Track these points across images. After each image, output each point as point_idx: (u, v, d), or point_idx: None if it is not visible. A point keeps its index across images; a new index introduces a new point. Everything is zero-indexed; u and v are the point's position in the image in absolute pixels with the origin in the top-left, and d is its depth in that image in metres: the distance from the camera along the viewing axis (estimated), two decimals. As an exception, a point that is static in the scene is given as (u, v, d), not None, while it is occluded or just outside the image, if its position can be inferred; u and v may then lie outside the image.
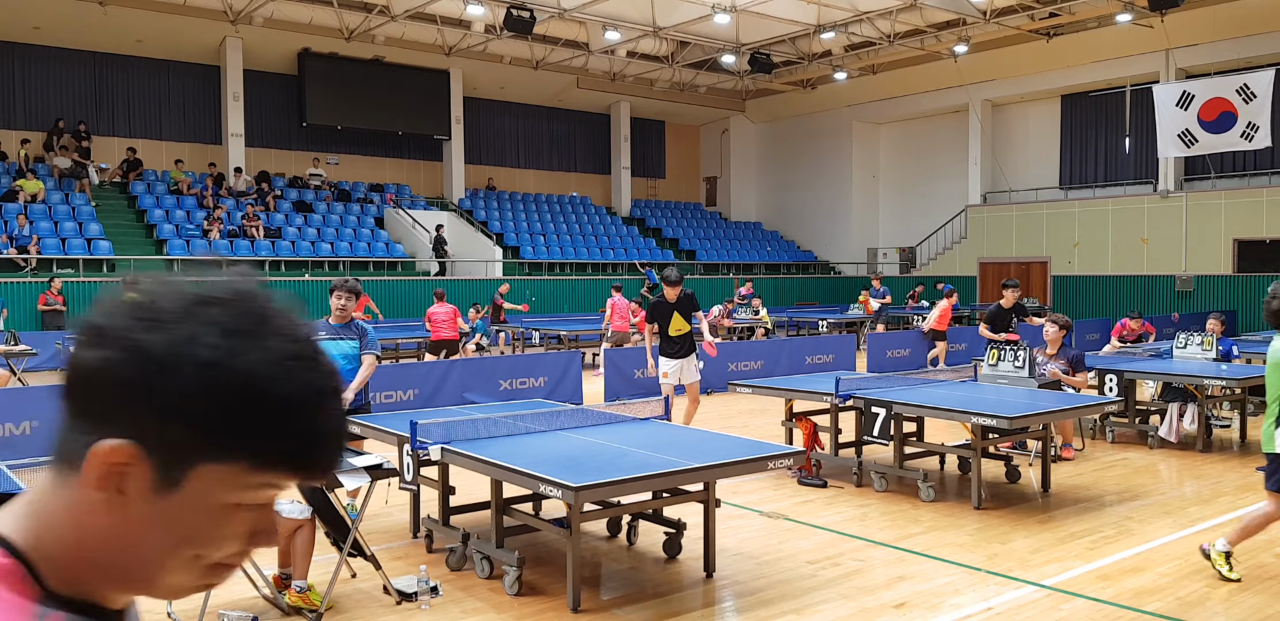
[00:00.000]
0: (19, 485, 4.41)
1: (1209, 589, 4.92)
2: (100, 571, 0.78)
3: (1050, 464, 7.14)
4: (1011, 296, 10.58)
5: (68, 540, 0.76)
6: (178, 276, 0.83)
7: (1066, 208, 24.89)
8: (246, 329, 0.81)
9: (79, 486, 0.75)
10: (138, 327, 0.75)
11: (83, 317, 0.77)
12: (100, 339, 0.75)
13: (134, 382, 0.74)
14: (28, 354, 12.16)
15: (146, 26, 21.31)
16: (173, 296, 0.79)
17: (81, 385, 0.77)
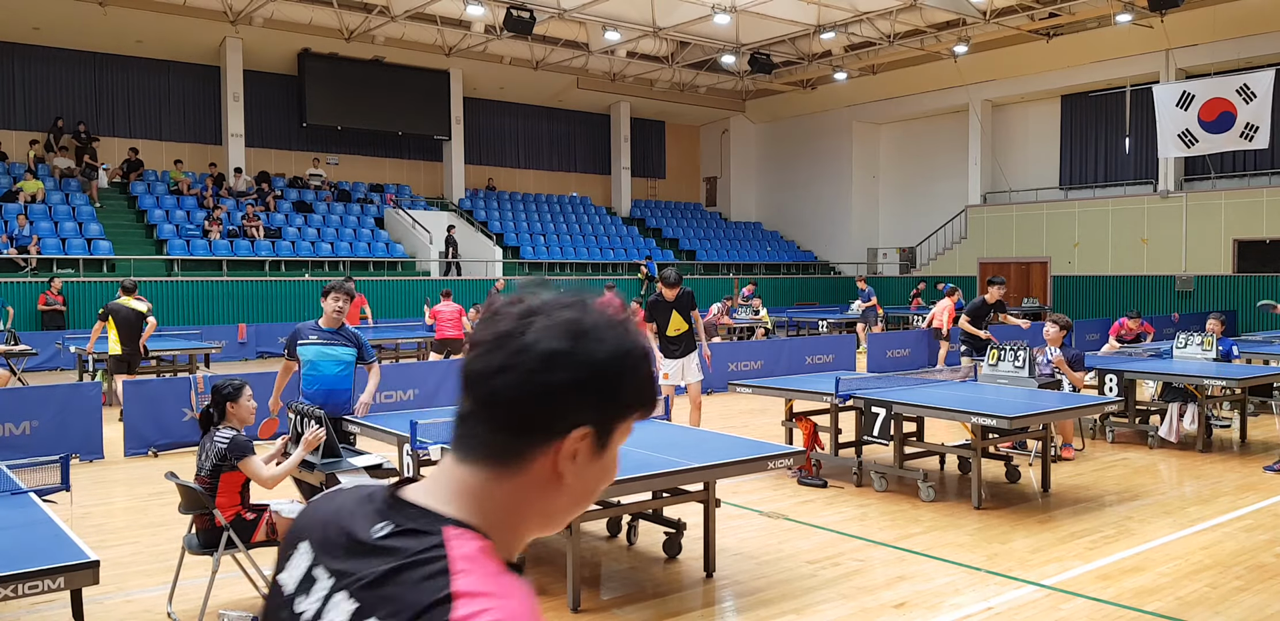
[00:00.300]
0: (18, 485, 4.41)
1: (1209, 588, 4.92)
2: (522, 537, 1.02)
3: (1050, 464, 7.13)
4: (996, 292, 10.63)
5: (509, 520, 1.00)
6: (551, 289, 1.12)
7: (1066, 208, 24.89)
8: (621, 322, 1.05)
9: (523, 479, 1.00)
10: (595, 348, 1.00)
11: (531, 347, 0.99)
12: (555, 364, 0.98)
13: (586, 384, 0.98)
14: (28, 354, 12.17)
15: (146, 27, 21.31)
16: (586, 312, 1.05)
17: (540, 402, 0.98)
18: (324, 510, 1.08)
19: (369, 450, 4.93)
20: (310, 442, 4.55)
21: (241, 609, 4.64)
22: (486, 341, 1.04)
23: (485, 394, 1.03)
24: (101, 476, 7.83)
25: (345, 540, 1.01)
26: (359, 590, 0.95)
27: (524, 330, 1.02)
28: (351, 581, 0.97)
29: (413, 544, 0.95)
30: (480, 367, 1.03)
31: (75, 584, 3.31)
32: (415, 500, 1.01)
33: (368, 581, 0.94)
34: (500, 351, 1.01)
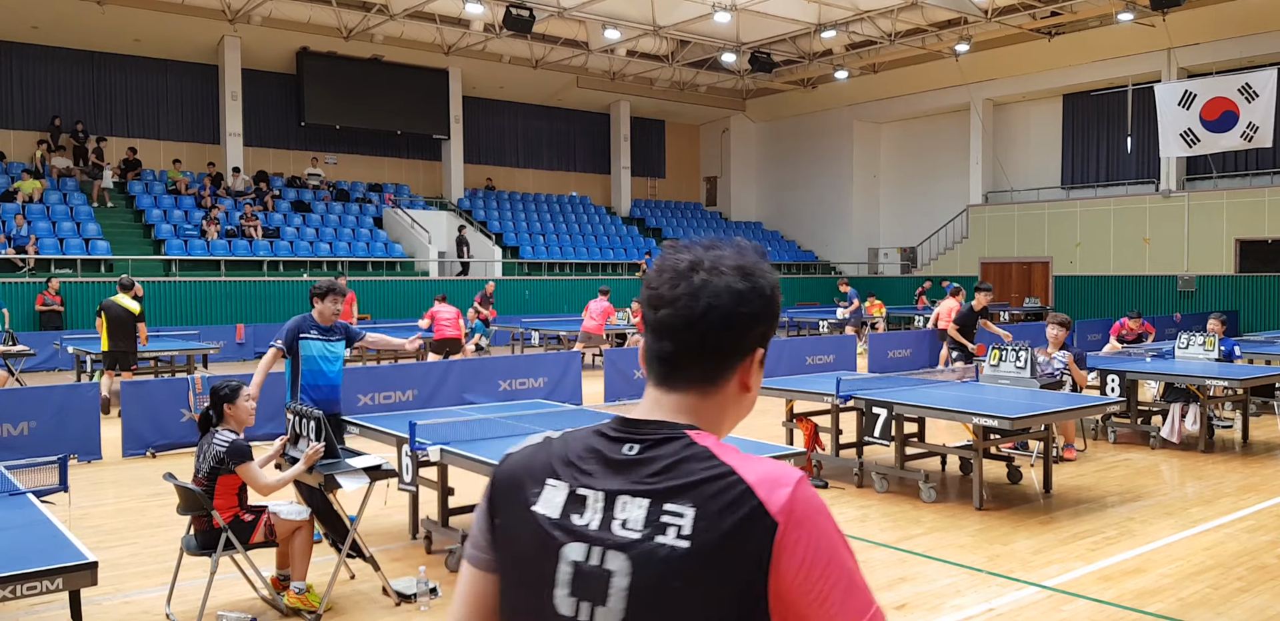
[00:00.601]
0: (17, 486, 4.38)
1: (1211, 589, 4.90)
2: (723, 437, 1.31)
3: (1052, 464, 7.11)
4: (984, 299, 10.61)
5: (714, 426, 1.29)
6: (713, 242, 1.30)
7: (1068, 207, 24.87)
8: (764, 256, 1.31)
9: (723, 394, 1.30)
10: (762, 282, 1.26)
11: (724, 291, 1.23)
12: (745, 299, 1.24)
13: (760, 313, 1.26)
14: (25, 354, 12.14)
15: (144, 26, 21.28)
16: (741, 256, 1.28)
17: (735, 330, 1.25)
18: (549, 454, 1.31)
19: (367, 451, 4.91)
20: (310, 457, 4.53)
21: (240, 610, 4.62)
22: (682, 294, 1.25)
23: (694, 335, 1.25)
24: (100, 477, 7.81)
25: (599, 464, 1.23)
26: (643, 491, 1.18)
27: (709, 279, 1.24)
28: (631, 487, 1.19)
29: (668, 448, 1.21)
30: (685, 314, 1.24)
31: (74, 585, 3.29)
32: (645, 423, 1.27)
33: (650, 482, 1.18)
34: (699, 299, 1.23)
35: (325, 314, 5.95)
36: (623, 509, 1.18)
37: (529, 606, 1.23)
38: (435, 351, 13.57)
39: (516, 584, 1.26)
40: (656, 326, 1.29)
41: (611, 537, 1.18)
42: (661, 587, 1.14)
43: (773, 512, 1.13)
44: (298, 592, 4.59)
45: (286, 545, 4.67)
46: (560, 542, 1.21)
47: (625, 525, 1.18)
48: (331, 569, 4.77)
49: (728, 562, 1.12)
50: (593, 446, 1.26)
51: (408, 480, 5.09)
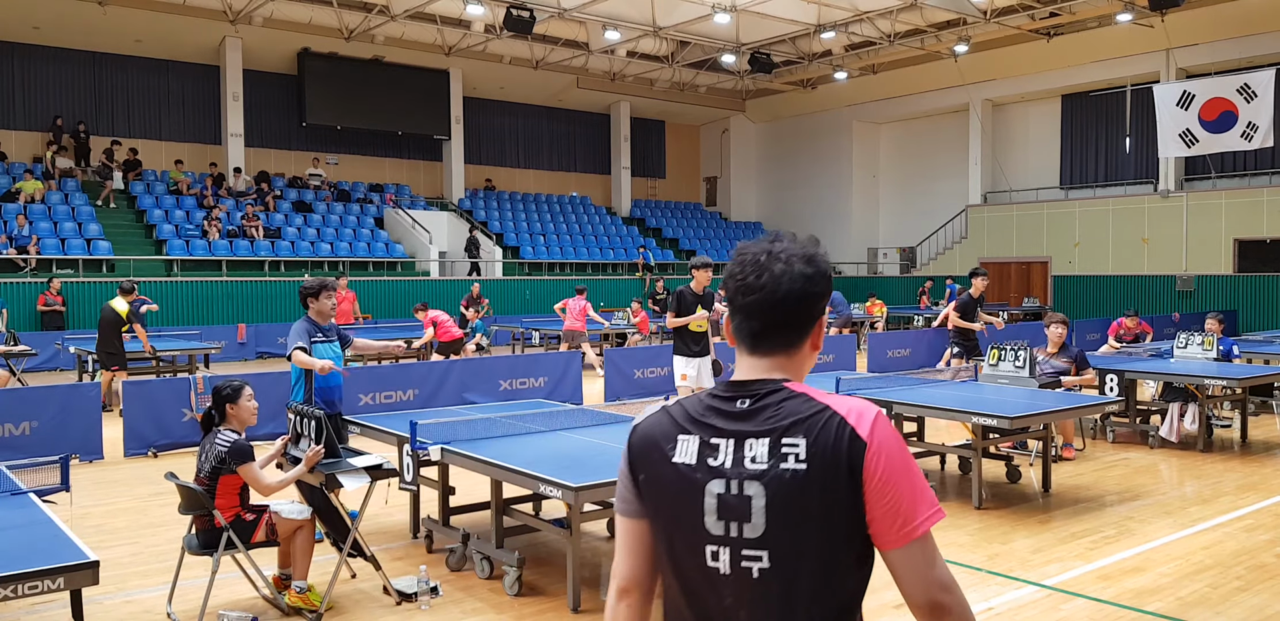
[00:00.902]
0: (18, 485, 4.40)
1: (1210, 589, 4.91)
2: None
3: (1051, 464, 7.13)
4: (980, 284, 10.60)
5: (798, 376, 1.65)
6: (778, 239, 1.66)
7: (1067, 207, 24.89)
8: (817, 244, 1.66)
9: (802, 353, 1.64)
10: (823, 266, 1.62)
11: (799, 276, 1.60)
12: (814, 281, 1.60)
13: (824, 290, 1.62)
14: (27, 354, 12.16)
15: (146, 26, 21.30)
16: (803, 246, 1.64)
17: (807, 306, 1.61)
18: (671, 418, 1.64)
19: (368, 450, 4.92)
20: (311, 460, 4.54)
21: (241, 609, 4.64)
22: (766, 283, 1.59)
23: (778, 313, 1.60)
24: (101, 477, 7.82)
25: (721, 418, 1.59)
26: (764, 431, 1.54)
27: (786, 268, 1.59)
28: (753, 430, 1.55)
29: (774, 397, 1.57)
30: (769, 298, 1.59)
31: (75, 584, 3.30)
32: (751, 382, 1.61)
33: (767, 424, 1.54)
34: (780, 285, 1.58)
35: (324, 312, 5.92)
36: (750, 448, 1.54)
37: (685, 533, 1.58)
38: (441, 353, 13.77)
39: (671, 518, 1.60)
40: (746, 309, 1.63)
41: (745, 471, 1.54)
42: (790, 501, 1.50)
43: (862, 436, 1.51)
44: (299, 591, 4.60)
45: (288, 544, 4.68)
46: (703, 481, 1.56)
47: (754, 460, 1.54)
48: (333, 568, 4.78)
49: (834, 475, 1.50)
50: (710, 405, 1.62)
51: (409, 479, 5.10)
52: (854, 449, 1.49)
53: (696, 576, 1.57)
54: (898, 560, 1.50)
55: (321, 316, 5.92)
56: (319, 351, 5.83)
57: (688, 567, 1.58)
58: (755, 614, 1.52)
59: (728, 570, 1.53)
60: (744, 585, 1.52)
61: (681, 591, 1.61)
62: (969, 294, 10.71)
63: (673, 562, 1.61)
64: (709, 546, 1.55)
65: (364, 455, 4.75)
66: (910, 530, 1.49)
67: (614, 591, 1.70)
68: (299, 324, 5.89)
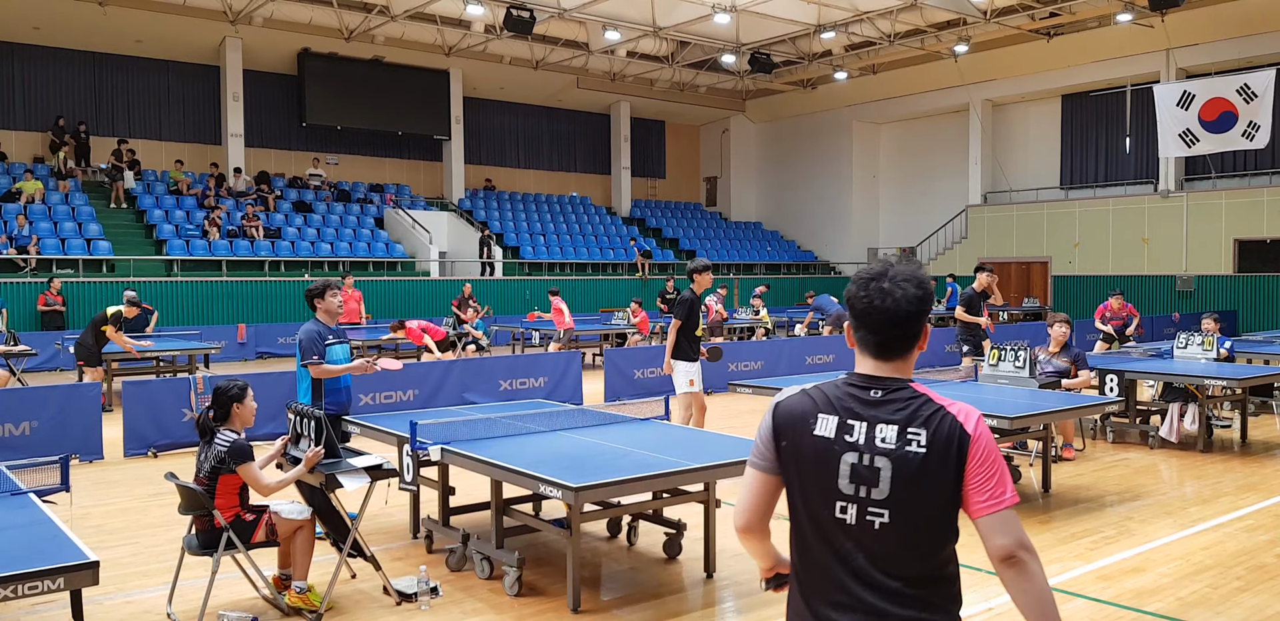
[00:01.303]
0: (18, 485, 4.40)
1: (1210, 589, 4.91)
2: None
3: (1051, 464, 7.13)
4: (984, 280, 10.63)
5: (910, 374, 2.07)
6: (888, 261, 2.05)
7: (1067, 207, 24.89)
8: (920, 267, 2.07)
9: (914, 356, 2.04)
10: (928, 286, 2.01)
11: (914, 296, 2.01)
12: (924, 302, 1.99)
13: (930, 307, 2.01)
14: (27, 354, 12.15)
15: (146, 27, 21.30)
16: (910, 270, 2.03)
17: (919, 321, 2.01)
18: (813, 400, 2.05)
19: (368, 450, 4.92)
20: (311, 460, 4.54)
21: (241, 609, 4.64)
22: (889, 306, 2.00)
23: (898, 329, 2.01)
24: (101, 477, 7.82)
25: (857, 403, 2.00)
26: (893, 420, 1.97)
27: (903, 291, 2.00)
28: (885, 418, 1.97)
29: (901, 394, 2.00)
30: (891, 317, 2.00)
31: (75, 584, 3.30)
32: (880, 378, 2.03)
33: (896, 415, 1.97)
34: (900, 306, 1.99)
35: (331, 311, 5.94)
36: (880, 431, 1.97)
37: (819, 490, 2.02)
38: (442, 349, 13.98)
39: (809, 477, 2.03)
40: (871, 325, 2.03)
41: (876, 448, 1.96)
42: (910, 475, 1.94)
43: (968, 431, 1.96)
44: (299, 592, 4.60)
45: (288, 544, 4.68)
46: (840, 452, 1.99)
47: (884, 440, 1.96)
48: (333, 568, 4.78)
49: (945, 459, 1.94)
50: (848, 392, 2.03)
51: (408, 479, 5.10)
52: (962, 440, 1.95)
53: (827, 523, 2.01)
54: (988, 524, 1.94)
55: (330, 316, 5.93)
56: (333, 353, 5.84)
57: (820, 516, 2.02)
58: (872, 556, 1.97)
59: (853, 522, 1.98)
60: (865, 534, 1.97)
61: (813, 534, 2.05)
62: (972, 289, 10.73)
63: (806, 511, 2.05)
64: (839, 502, 1.99)
65: (364, 455, 4.75)
66: (999, 501, 1.94)
67: (736, 528, 2.17)
68: (311, 328, 5.86)
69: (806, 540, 2.05)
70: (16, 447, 7.77)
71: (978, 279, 10.71)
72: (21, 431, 8.06)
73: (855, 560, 1.97)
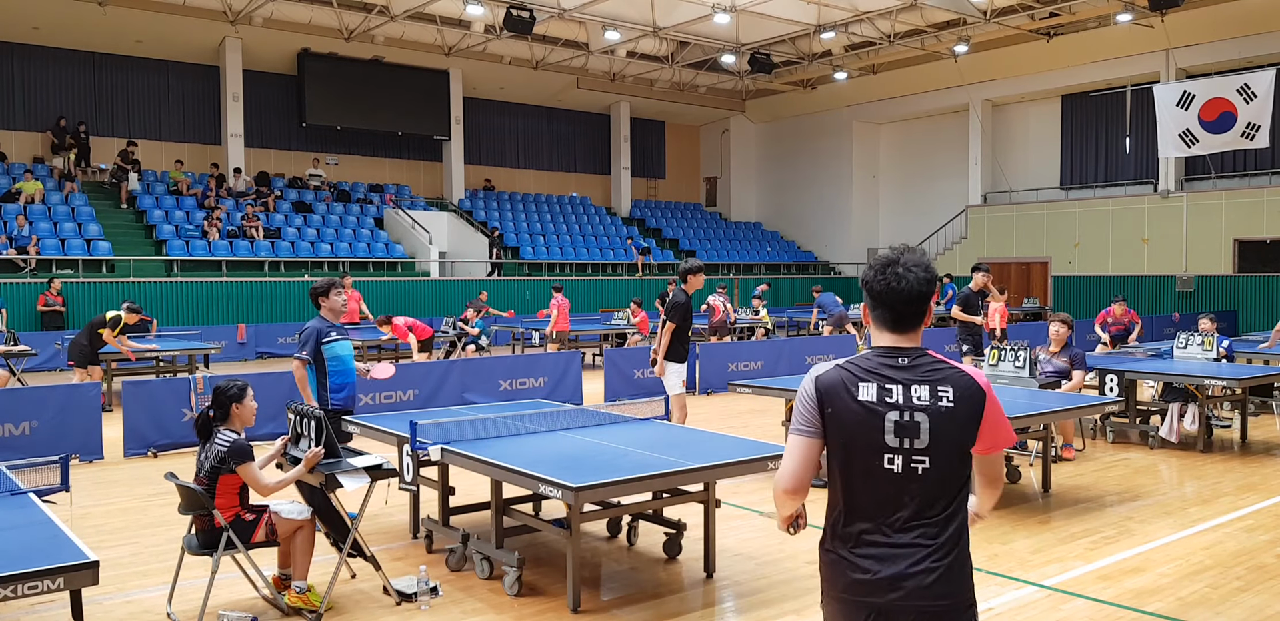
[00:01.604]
0: (18, 485, 4.40)
1: (1210, 589, 4.91)
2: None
3: (1051, 464, 7.13)
4: (980, 279, 10.64)
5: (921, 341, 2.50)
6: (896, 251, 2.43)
7: (1067, 208, 24.89)
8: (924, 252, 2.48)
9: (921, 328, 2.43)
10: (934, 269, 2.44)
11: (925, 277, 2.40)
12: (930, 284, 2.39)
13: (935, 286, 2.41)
14: (27, 354, 12.15)
15: (146, 27, 21.30)
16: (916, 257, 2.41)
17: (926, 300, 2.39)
18: (849, 371, 2.39)
19: (368, 450, 4.92)
20: (310, 461, 4.54)
21: (241, 609, 4.64)
22: (904, 287, 2.37)
23: (911, 307, 2.39)
24: (101, 477, 7.82)
25: (890, 370, 2.36)
26: (924, 380, 2.35)
27: (915, 274, 2.37)
28: (916, 379, 2.35)
29: (924, 360, 2.38)
30: (905, 297, 2.38)
31: (75, 584, 3.30)
32: (903, 348, 2.40)
33: (925, 376, 2.34)
34: (913, 287, 2.37)
35: (335, 308, 5.98)
36: (915, 391, 2.36)
37: (867, 445, 2.37)
38: (423, 350, 13.93)
39: (857, 436, 2.37)
40: (889, 303, 2.40)
41: (914, 405, 2.34)
42: (944, 425, 2.34)
43: (983, 388, 2.39)
44: (299, 592, 4.60)
45: (288, 544, 4.68)
46: (884, 412, 2.35)
47: (920, 399, 2.35)
48: (333, 568, 4.78)
49: (969, 410, 2.36)
50: (880, 362, 2.40)
51: (408, 479, 5.10)
52: (979, 394, 2.38)
53: (876, 473, 2.37)
54: (987, 461, 2.50)
55: (333, 314, 5.97)
56: (334, 348, 5.86)
57: (870, 467, 2.37)
58: (918, 497, 2.35)
59: (900, 470, 2.36)
60: (912, 479, 2.35)
61: (862, 484, 2.40)
62: (969, 288, 10.74)
63: (855, 466, 2.39)
64: (886, 454, 2.36)
65: (364, 455, 4.75)
66: (1001, 443, 2.44)
67: (784, 491, 2.50)
68: (314, 325, 5.91)
69: (854, 490, 2.42)
70: (16, 447, 7.77)
71: (974, 278, 10.72)
72: (21, 431, 8.06)
73: (902, 501, 2.36)
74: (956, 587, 2.36)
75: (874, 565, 2.36)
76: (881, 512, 2.37)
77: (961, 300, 10.72)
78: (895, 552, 2.34)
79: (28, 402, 8.21)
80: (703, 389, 12.90)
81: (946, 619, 2.35)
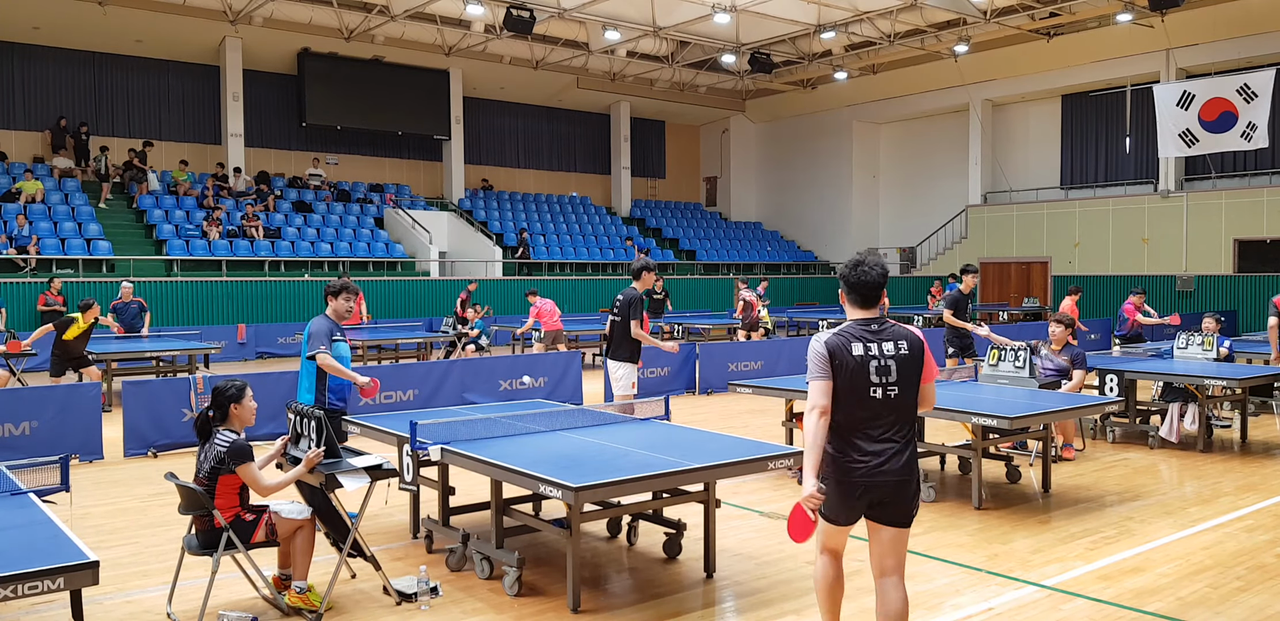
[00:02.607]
0: (18, 485, 4.40)
1: (1210, 589, 4.91)
2: None
3: (1051, 464, 7.13)
4: (970, 281, 10.63)
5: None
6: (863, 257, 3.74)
7: (1067, 207, 24.89)
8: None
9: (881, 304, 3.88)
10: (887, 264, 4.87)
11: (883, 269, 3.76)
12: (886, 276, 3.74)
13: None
14: (27, 354, 12.14)
15: (146, 26, 21.30)
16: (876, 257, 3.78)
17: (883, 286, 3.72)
18: (846, 335, 3.63)
19: (368, 450, 4.92)
20: (311, 461, 4.54)
21: (241, 609, 4.64)
22: (873, 278, 3.67)
23: (878, 290, 3.69)
24: (101, 477, 7.82)
25: (868, 334, 3.64)
26: (888, 339, 3.66)
27: (874, 268, 3.68)
28: (884, 338, 3.65)
29: (888, 325, 3.70)
30: (875, 284, 3.67)
31: (75, 584, 3.30)
32: (870, 318, 3.69)
33: (889, 336, 3.66)
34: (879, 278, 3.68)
35: (340, 311, 6.01)
36: (885, 347, 3.62)
37: (860, 383, 3.56)
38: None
39: (855, 377, 3.56)
40: (860, 289, 3.67)
41: (885, 355, 3.61)
42: (904, 366, 3.62)
43: (922, 339, 3.70)
44: (299, 592, 4.60)
45: (288, 544, 4.68)
46: (868, 360, 3.59)
47: (887, 351, 3.61)
48: (333, 568, 4.78)
49: (917, 355, 3.67)
50: (861, 329, 3.64)
51: (408, 479, 5.10)
52: (920, 344, 3.68)
53: (866, 399, 3.58)
54: (927, 389, 3.75)
55: (337, 315, 6.00)
56: (338, 348, 5.89)
57: (863, 396, 3.58)
58: (892, 414, 3.62)
59: (880, 397, 3.59)
60: (889, 401, 3.60)
61: (859, 407, 3.59)
62: (959, 290, 10.73)
63: (852, 396, 3.57)
64: (872, 388, 3.58)
65: (364, 455, 4.75)
66: (932, 375, 3.74)
67: (817, 409, 3.57)
68: (322, 322, 5.91)
69: (853, 412, 3.59)
70: (16, 447, 7.77)
71: (964, 280, 10.71)
72: (21, 431, 8.06)
73: (885, 416, 3.61)
74: (913, 468, 3.65)
75: (865, 457, 3.58)
76: (869, 425, 3.60)
77: (951, 302, 10.70)
78: (879, 448, 3.59)
79: (28, 402, 8.21)
80: (703, 388, 12.90)
81: (907, 486, 3.63)
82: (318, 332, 5.84)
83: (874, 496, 3.59)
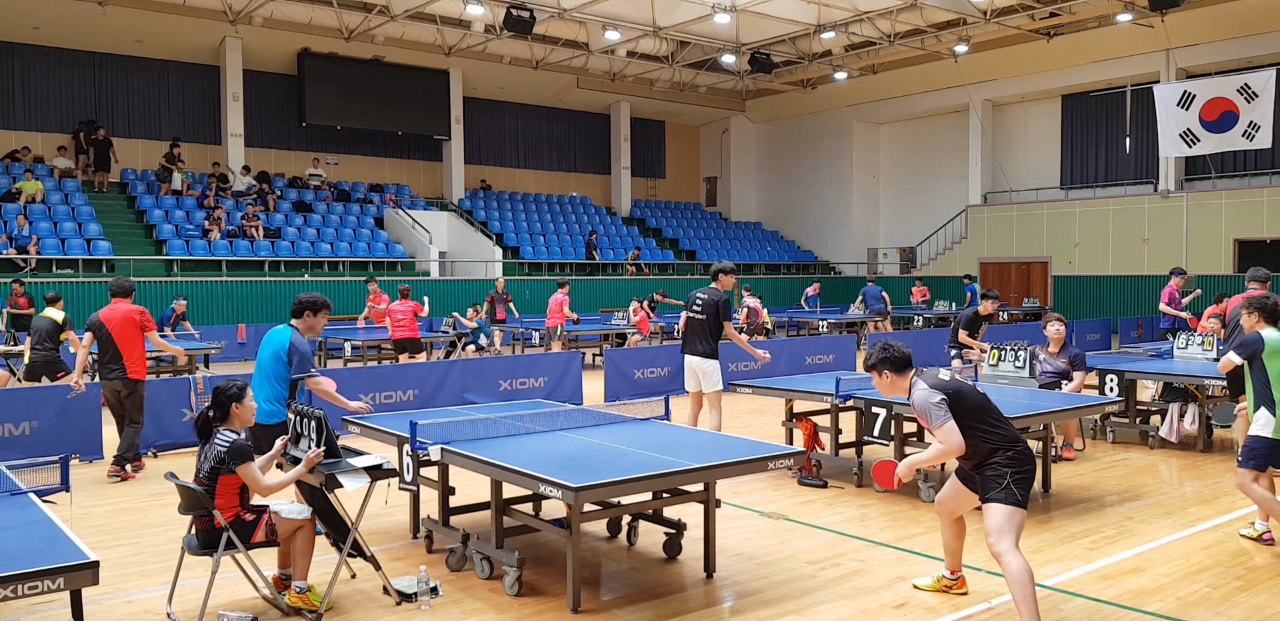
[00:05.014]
0: (18, 485, 4.40)
1: (1209, 589, 4.91)
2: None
3: (1051, 464, 7.13)
4: (991, 306, 10.62)
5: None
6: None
7: (1067, 207, 24.90)
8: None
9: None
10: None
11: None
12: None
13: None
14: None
15: (146, 26, 21.31)
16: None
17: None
18: (945, 380, 4.39)
19: (368, 450, 4.92)
20: (311, 461, 4.54)
21: (241, 609, 4.64)
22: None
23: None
24: (101, 477, 7.82)
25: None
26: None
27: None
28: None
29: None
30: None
31: (75, 584, 3.30)
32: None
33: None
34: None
35: (316, 328, 5.75)
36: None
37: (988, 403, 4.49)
38: (397, 352, 13.58)
39: (981, 407, 4.39)
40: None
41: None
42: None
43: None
44: (299, 592, 4.60)
45: (288, 544, 4.68)
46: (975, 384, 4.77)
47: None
48: (333, 568, 4.79)
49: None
50: (950, 374, 4.51)
51: (408, 479, 5.10)
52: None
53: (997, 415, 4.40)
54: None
55: (312, 332, 5.76)
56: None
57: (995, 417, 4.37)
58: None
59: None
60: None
61: (994, 424, 4.30)
62: (976, 311, 10.68)
63: (990, 418, 4.34)
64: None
65: (364, 455, 4.75)
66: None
67: (960, 447, 4.19)
68: (304, 340, 5.63)
69: (993, 429, 4.30)
70: (16, 447, 7.77)
71: (983, 304, 10.67)
72: (21, 431, 8.07)
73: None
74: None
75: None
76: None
77: (968, 323, 10.62)
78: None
79: (28, 402, 8.21)
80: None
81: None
82: (304, 355, 5.55)
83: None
